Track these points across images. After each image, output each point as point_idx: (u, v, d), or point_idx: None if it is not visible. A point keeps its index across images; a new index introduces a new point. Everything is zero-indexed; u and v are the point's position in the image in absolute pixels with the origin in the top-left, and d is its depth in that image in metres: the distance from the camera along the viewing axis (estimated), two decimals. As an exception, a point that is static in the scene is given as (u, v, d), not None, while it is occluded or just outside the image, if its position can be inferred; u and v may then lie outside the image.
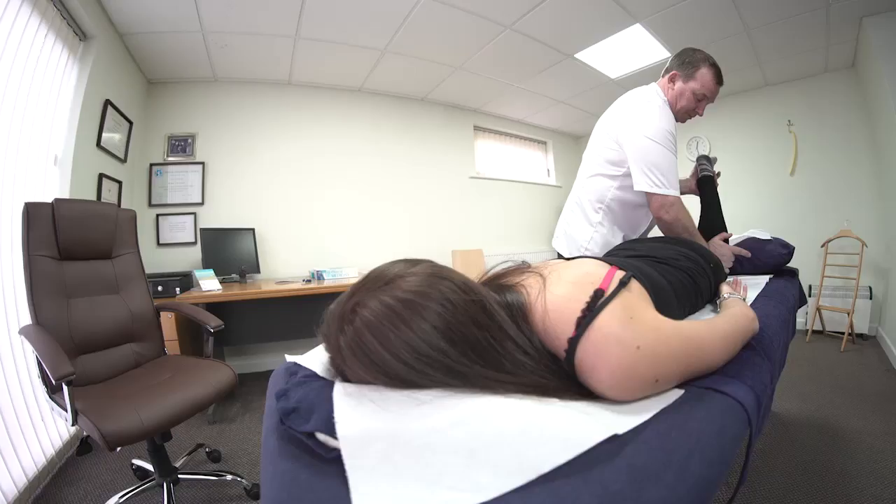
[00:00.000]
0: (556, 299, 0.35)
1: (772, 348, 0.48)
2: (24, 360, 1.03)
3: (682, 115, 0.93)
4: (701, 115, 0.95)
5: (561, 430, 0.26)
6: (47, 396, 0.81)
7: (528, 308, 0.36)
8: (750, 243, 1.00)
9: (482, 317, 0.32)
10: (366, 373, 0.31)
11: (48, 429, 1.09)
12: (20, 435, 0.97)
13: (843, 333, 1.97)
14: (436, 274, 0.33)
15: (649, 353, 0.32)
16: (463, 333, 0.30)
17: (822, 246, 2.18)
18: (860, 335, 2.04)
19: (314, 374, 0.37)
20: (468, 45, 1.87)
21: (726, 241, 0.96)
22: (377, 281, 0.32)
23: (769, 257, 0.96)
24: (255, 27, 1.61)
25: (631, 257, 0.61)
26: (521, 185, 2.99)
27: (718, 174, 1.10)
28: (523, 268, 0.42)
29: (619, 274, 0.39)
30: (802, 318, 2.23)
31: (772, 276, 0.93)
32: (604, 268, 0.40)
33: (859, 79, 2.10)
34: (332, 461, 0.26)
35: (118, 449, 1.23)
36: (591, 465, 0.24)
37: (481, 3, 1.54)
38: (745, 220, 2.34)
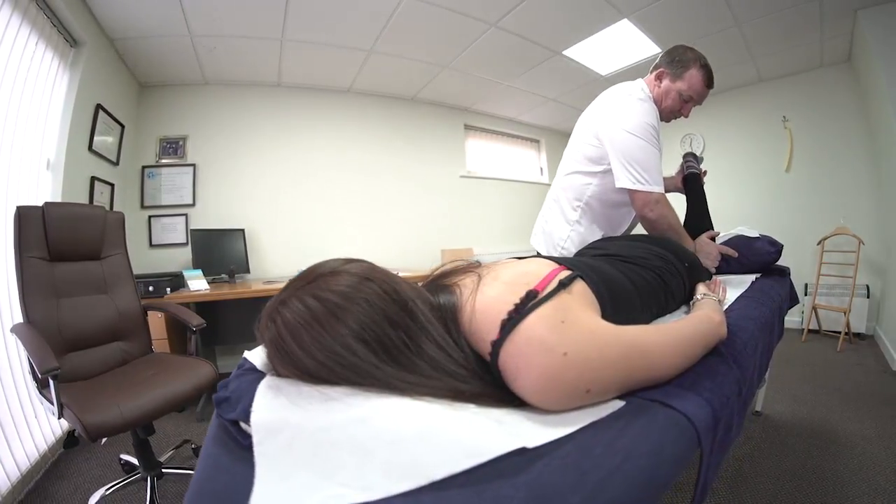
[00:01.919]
0: (485, 300, 0.34)
1: (744, 355, 0.45)
2: (18, 359, 1.07)
3: (667, 114, 0.90)
4: (686, 117, 0.93)
5: (463, 438, 0.25)
6: (37, 391, 0.85)
7: (459, 309, 0.35)
8: (737, 241, 0.97)
9: (401, 317, 0.31)
10: (283, 367, 0.32)
11: (41, 425, 1.13)
12: (14, 431, 1.00)
13: (839, 333, 1.95)
14: (363, 275, 0.33)
15: (579, 361, 0.30)
16: (376, 334, 0.30)
17: (819, 244, 2.15)
18: (857, 334, 2.01)
19: (253, 368, 0.39)
20: (454, 44, 1.87)
21: (713, 239, 0.92)
22: (303, 279, 0.33)
23: (756, 255, 0.93)
24: (242, 30, 1.63)
25: (599, 256, 0.61)
26: (514, 183, 2.98)
27: (705, 172, 1.08)
28: (469, 267, 0.41)
29: (564, 274, 0.37)
30: (798, 318, 2.20)
31: (759, 275, 0.91)
32: (548, 267, 0.38)
33: (855, 73, 2.06)
34: (249, 447, 0.27)
35: (103, 442, 1.26)
36: (491, 478, 0.23)
37: (464, 2, 1.54)
38: (740, 217, 2.30)
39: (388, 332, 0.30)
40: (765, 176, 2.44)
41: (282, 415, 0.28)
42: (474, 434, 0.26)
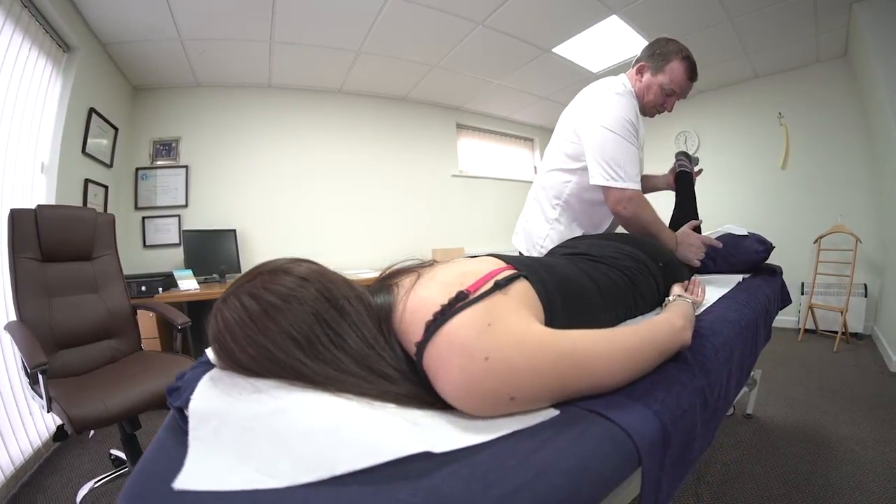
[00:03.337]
0: (416, 300, 0.33)
1: (714, 361, 0.41)
2: (13, 357, 1.10)
3: (650, 109, 0.88)
4: (669, 112, 0.91)
5: (369, 436, 0.25)
6: (29, 387, 0.87)
7: (392, 308, 0.35)
8: (725, 240, 0.94)
9: (331, 315, 0.32)
10: (222, 361, 0.34)
11: (36, 422, 1.16)
12: (9, 427, 1.04)
13: (836, 333, 1.92)
14: (301, 275, 0.33)
15: (502, 367, 0.28)
16: (305, 332, 0.31)
17: (815, 242, 2.13)
18: (854, 334, 1.98)
19: (207, 361, 0.40)
20: (441, 43, 1.87)
21: (698, 230, 0.88)
22: (246, 278, 0.35)
23: (744, 254, 0.91)
24: (231, 33, 1.65)
25: (568, 255, 0.60)
26: (507, 182, 2.98)
27: (699, 172, 1.06)
28: (417, 267, 0.41)
29: (504, 274, 0.36)
30: (794, 317, 2.18)
31: (748, 274, 0.88)
32: (491, 267, 0.37)
33: (851, 69, 2.03)
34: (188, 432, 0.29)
35: (90, 435, 1.29)
36: (395, 479, 0.22)
37: (449, 0, 1.55)
38: (735, 215, 2.29)
39: (315, 330, 0.31)
40: (761, 173, 2.41)
41: (214, 403, 0.29)
42: (381, 433, 0.26)
